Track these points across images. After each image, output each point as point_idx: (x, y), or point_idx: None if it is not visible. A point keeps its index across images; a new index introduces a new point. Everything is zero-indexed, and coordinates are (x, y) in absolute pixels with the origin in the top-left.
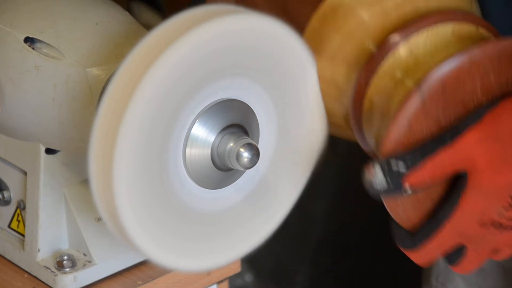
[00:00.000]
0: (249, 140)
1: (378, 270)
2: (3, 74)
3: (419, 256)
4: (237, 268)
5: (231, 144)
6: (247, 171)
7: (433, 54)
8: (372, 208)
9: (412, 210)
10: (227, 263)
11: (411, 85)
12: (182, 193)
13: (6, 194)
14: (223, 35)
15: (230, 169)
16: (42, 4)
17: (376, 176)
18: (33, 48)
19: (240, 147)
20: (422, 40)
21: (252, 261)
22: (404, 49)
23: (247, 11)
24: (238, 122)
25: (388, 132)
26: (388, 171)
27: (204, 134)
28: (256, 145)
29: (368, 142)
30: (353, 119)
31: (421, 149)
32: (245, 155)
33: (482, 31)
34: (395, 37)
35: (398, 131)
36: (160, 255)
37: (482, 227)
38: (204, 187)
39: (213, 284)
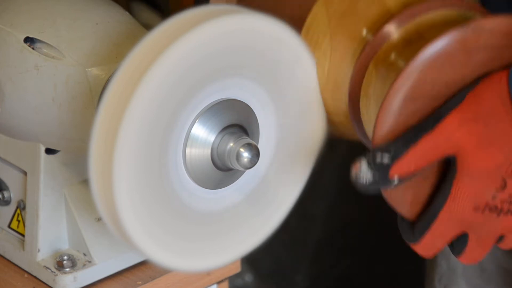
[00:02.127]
0: (249, 140)
1: (378, 270)
2: (3, 74)
3: (422, 248)
4: (237, 268)
5: (231, 144)
6: (247, 171)
7: (424, 37)
8: (372, 208)
9: (411, 201)
10: (227, 263)
11: (403, 66)
12: (182, 193)
13: (6, 194)
14: (223, 35)
15: (230, 169)
16: (42, 4)
17: (361, 171)
18: (33, 48)
19: (240, 147)
20: (415, 26)
21: (252, 261)
22: (397, 35)
23: (248, 11)
24: (238, 122)
25: (377, 123)
26: (373, 164)
27: (204, 134)
28: (256, 145)
29: (368, 135)
30: (351, 111)
31: (404, 138)
32: (245, 155)
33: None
34: (389, 26)
35: (387, 120)
36: (160, 255)
37: (478, 211)
38: (204, 187)
39: (213, 284)
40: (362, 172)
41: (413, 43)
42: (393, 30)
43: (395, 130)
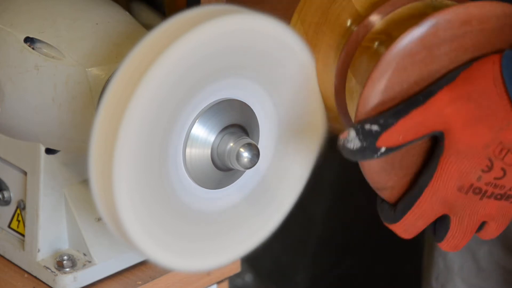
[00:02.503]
0: (249, 140)
1: (378, 270)
2: (3, 74)
3: (402, 228)
4: (237, 268)
5: (231, 144)
6: (247, 171)
7: (406, 24)
8: (372, 208)
9: (392, 183)
10: (227, 263)
11: (383, 51)
12: (182, 193)
13: (6, 194)
14: (223, 35)
15: (230, 169)
16: (42, 4)
17: (349, 136)
18: (33, 48)
19: (240, 147)
20: (398, 15)
21: (252, 261)
22: (381, 25)
23: (247, 11)
24: (238, 122)
25: (362, 95)
26: (361, 131)
27: (204, 134)
28: (256, 145)
29: (351, 119)
30: (337, 104)
31: (394, 110)
32: (245, 155)
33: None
34: (373, 16)
35: (373, 93)
36: (160, 255)
37: (462, 192)
38: (204, 187)
39: (213, 284)
40: (350, 138)
41: (394, 32)
42: (376, 20)
43: (380, 105)
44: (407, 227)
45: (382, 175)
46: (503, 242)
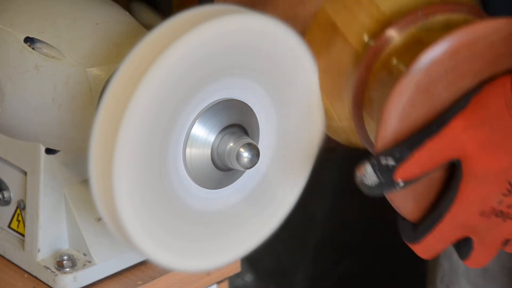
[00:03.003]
0: (249, 140)
1: (378, 270)
2: (3, 74)
3: (422, 249)
4: (237, 268)
5: (231, 144)
6: (247, 171)
7: (424, 41)
8: (372, 208)
9: (414, 204)
10: (227, 263)
11: (404, 69)
12: (182, 193)
13: (6, 194)
14: (223, 35)
15: (230, 169)
16: (42, 4)
17: (366, 173)
18: (33, 48)
19: (240, 147)
20: (416, 30)
21: (252, 261)
22: (399, 40)
23: (247, 11)
24: (238, 122)
25: (379, 127)
26: (378, 166)
27: (204, 134)
28: (256, 145)
29: (372, 142)
30: (355, 117)
31: (408, 142)
32: (245, 155)
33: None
34: (391, 30)
35: (390, 124)
36: (160, 255)
37: (484, 217)
38: (204, 187)
39: (213, 284)
40: (367, 174)
41: (413, 48)
42: (394, 35)
43: (397, 135)
44: (427, 248)
45: (404, 197)
46: None
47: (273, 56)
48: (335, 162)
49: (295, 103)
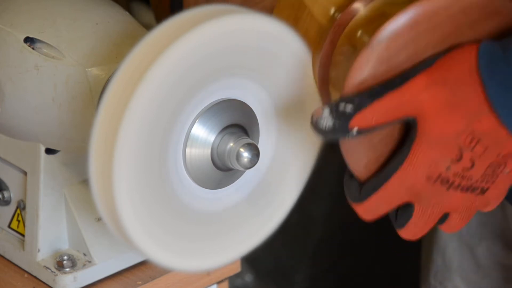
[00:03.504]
0: (249, 140)
1: (378, 270)
2: (3, 74)
3: (364, 209)
4: (237, 268)
5: (231, 144)
6: (247, 171)
7: (387, 14)
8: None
9: (365, 160)
10: (227, 263)
11: (367, 42)
12: (182, 193)
13: (6, 194)
14: (223, 35)
15: (230, 169)
16: (42, 4)
17: (322, 116)
18: (33, 48)
19: (240, 147)
20: (380, 4)
21: (252, 261)
22: (364, 13)
23: (247, 11)
24: (238, 122)
25: (346, 79)
26: (335, 112)
27: (204, 134)
28: (256, 145)
29: None
30: (321, 94)
31: (369, 92)
32: (245, 155)
33: None
34: (357, 3)
35: (355, 77)
36: (160, 255)
37: (430, 181)
38: (204, 187)
39: (213, 284)
40: (323, 117)
41: (377, 21)
42: (359, 7)
43: (360, 87)
44: (370, 208)
45: (359, 150)
46: (502, 239)
47: (273, 56)
48: (335, 162)
49: (295, 103)
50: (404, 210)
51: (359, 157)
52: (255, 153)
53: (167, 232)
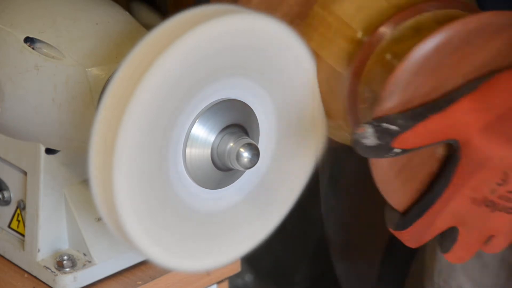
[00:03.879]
0: (249, 140)
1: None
2: (3, 74)
3: (408, 236)
4: (237, 268)
5: (231, 144)
6: (247, 171)
7: (417, 36)
8: (372, 208)
9: (403, 190)
10: (227, 263)
11: (396, 64)
12: (182, 193)
13: (6, 194)
14: (223, 35)
15: (230, 169)
16: (42, 4)
17: (366, 133)
18: (33, 48)
19: (240, 147)
20: (409, 26)
21: (252, 261)
22: (392, 36)
23: (248, 11)
24: (238, 122)
25: (380, 98)
26: (379, 129)
27: (204, 134)
28: (256, 145)
29: None
30: (349, 113)
31: (414, 112)
32: (245, 155)
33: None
34: (383, 27)
35: (393, 94)
36: (160, 255)
37: (475, 205)
38: (204, 187)
39: (213, 284)
40: (367, 134)
41: (407, 41)
42: (387, 31)
43: (396, 108)
44: (414, 235)
45: (394, 181)
46: None
47: (273, 56)
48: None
49: (295, 103)
50: (449, 234)
51: (395, 189)
52: (255, 153)
53: (167, 232)
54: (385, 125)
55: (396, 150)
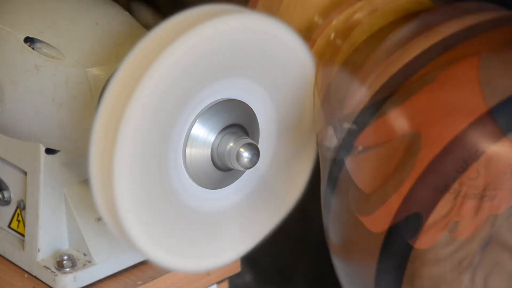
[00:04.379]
0: (249, 140)
1: None
2: (3, 74)
3: (373, 221)
4: (237, 268)
5: (231, 144)
6: (247, 171)
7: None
8: None
9: (370, 174)
10: (227, 263)
11: (340, 43)
12: (182, 193)
13: (6, 194)
14: (223, 35)
15: (230, 169)
16: (42, 4)
17: (328, 135)
18: (33, 48)
19: (240, 147)
20: (356, 10)
21: (252, 261)
22: (340, 18)
23: (248, 11)
24: (238, 122)
25: (347, 98)
26: (339, 130)
27: (204, 134)
28: (256, 145)
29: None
30: (323, 104)
31: (372, 109)
32: (245, 155)
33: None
34: (336, 11)
35: (356, 93)
36: (160, 255)
37: (437, 191)
38: (204, 187)
39: (213, 284)
40: (328, 136)
41: (352, 24)
42: (338, 12)
43: (359, 105)
44: (377, 221)
45: (365, 164)
46: None
47: (273, 56)
48: None
49: (295, 103)
50: (413, 220)
51: (363, 172)
52: (255, 153)
53: (167, 232)
54: (345, 125)
55: (358, 149)
